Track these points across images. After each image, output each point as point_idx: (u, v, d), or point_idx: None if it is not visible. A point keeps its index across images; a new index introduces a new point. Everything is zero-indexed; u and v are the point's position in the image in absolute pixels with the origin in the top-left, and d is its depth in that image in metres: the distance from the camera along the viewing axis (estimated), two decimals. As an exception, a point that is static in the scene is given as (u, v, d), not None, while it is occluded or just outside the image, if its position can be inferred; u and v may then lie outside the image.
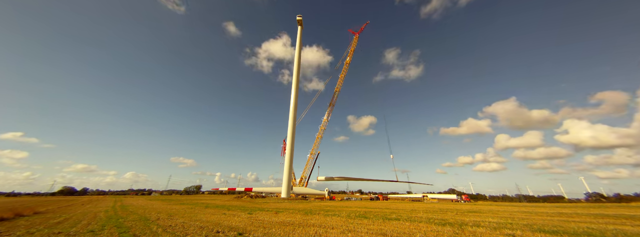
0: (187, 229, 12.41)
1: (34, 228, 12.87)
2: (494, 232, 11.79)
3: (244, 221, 15.33)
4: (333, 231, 11.66)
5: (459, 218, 18.50)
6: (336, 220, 16.30)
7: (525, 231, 12.51)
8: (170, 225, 13.75)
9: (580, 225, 15.21)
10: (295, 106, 77.08)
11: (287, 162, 69.42)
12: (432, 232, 11.54)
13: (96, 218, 17.68)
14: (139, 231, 11.82)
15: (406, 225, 13.99)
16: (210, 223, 14.45)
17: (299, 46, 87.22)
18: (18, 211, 19.91)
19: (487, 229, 12.87)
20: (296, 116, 76.39)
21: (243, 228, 12.49)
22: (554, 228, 13.56)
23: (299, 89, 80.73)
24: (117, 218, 17.41)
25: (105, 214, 20.35)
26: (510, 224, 15.36)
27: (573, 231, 12.76)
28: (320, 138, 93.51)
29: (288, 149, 71.61)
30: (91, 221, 15.89)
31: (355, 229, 12.41)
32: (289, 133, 73.58)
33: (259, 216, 18.35)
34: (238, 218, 17.07)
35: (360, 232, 11.51)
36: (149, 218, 17.24)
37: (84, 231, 12.14)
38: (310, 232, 11.41)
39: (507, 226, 14.09)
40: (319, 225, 13.74)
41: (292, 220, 16.05)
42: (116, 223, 14.74)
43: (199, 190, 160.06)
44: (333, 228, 12.59)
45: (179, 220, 16.14)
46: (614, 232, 12.60)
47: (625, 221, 17.85)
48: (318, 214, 20.15)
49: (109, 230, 12.23)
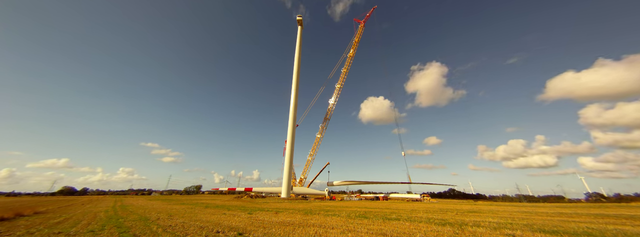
0: (187, 229, 12.42)
1: (34, 228, 12.88)
2: (494, 232, 11.79)
3: (244, 221, 15.33)
4: (333, 231, 11.66)
5: (459, 218, 18.49)
6: (336, 220, 16.30)
7: (525, 231, 12.51)
8: (170, 225, 13.76)
9: (580, 225, 15.20)
10: (295, 106, 77.09)
11: (287, 163, 69.47)
12: (432, 232, 11.54)
13: (96, 218, 17.68)
14: (139, 231, 11.82)
15: (406, 225, 13.99)
16: (210, 223, 14.45)
17: (299, 46, 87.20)
18: (18, 211, 19.91)
19: (487, 229, 12.87)
20: (296, 116, 76.48)
21: (243, 228, 12.49)
22: (554, 228, 13.55)
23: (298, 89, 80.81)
24: (117, 218, 17.41)
25: (106, 214, 20.36)
26: (510, 224, 15.36)
27: (573, 231, 12.76)
28: (319, 144, 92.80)
29: (288, 149, 71.66)
30: (91, 221, 15.89)
31: (355, 229, 12.42)
32: (289, 133, 73.62)
33: (259, 216, 18.35)
34: (238, 218, 17.08)
35: (360, 232, 11.51)
36: (149, 218, 17.25)
37: (84, 231, 12.14)
38: (310, 232, 11.41)
39: (507, 226, 14.09)
40: (319, 225, 13.75)
41: (292, 220, 16.05)
42: (116, 223, 14.74)
43: (199, 190, 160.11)
44: (333, 228, 12.59)
45: (179, 220, 16.14)
46: (614, 232, 12.59)
47: (625, 221, 17.84)
48: (318, 214, 20.15)
49: (109, 230, 12.24)
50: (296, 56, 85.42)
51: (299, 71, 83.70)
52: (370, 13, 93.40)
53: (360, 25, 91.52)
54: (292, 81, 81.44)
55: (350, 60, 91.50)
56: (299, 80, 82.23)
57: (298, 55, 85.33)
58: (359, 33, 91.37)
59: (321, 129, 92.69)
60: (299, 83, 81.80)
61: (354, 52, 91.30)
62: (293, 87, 79.99)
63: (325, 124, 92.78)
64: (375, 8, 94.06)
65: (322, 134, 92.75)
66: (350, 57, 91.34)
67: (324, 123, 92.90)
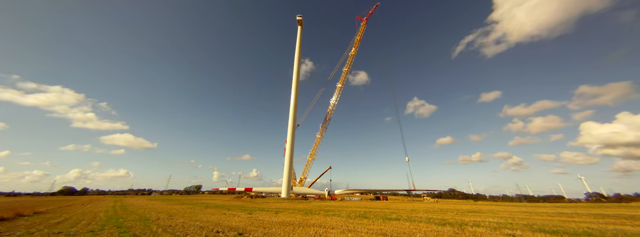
0: (187, 229, 12.41)
1: (34, 228, 12.87)
2: (494, 232, 11.78)
3: (244, 221, 15.33)
4: (333, 231, 11.65)
5: (459, 218, 18.49)
6: (336, 220, 16.30)
7: (525, 231, 12.51)
8: (170, 225, 13.76)
9: (580, 225, 15.19)
10: (295, 106, 77.12)
11: (287, 163, 69.46)
12: (432, 232, 11.53)
13: (96, 218, 17.68)
14: (139, 231, 11.82)
15: (406, 225, 13.99)
16: (210, 223, 14.45)
17: (299, 46, 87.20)
18: (18, 211, 19.90)
19: (487, 229, 12.86)
20: (296, 116, 76.49)
21: (243, 228, 12.49)
22: (554, 228, 13.55)
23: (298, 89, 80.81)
24: (117, 218, 17.41)
25: (105, 214, 20.35)
26: (510, 224, 15.36)
27: (573, 231, 12.75)
28: (319, 145, 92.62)
29: (288, 149, 71.67)
30: (91, 221, 15.89)
31: (355, 229, 12.41)
32: (289, 134, 73.62)
33: (259, 216, 18.35)
34: (238, 218, 17.08)
35: (360, 232, 11.50)
36: (149, 218, 17.25)
37: (84, 231, 12.14)
38: (310, 232, 11.41)
39: (507, 226, 14.08)
40: (319, 225, 13.74)
41: (292, 220, 16.05)
42: (116, 223, 14.74)
43: (199, 190, 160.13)
44: (333, 228, 12.59)
45: (179, 220, 16.14)
46: (614, 232, 12.59)
47: (625, 221, 17.84)
48: (318, 214, 20.14)
49: (109, 230, 12.23)
50: (296, 56, 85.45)
51: (299, 71, 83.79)
52: (372, 10, 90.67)
53: (363, 23, 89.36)
54: (292, 81, 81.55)
55: (351, 59, 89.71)
56: (299, 80, 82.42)
57: (298, 56, 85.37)
58: (361, 31, 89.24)
59: (322, 129, 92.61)
60: (299, 82, 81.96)
61: (356, 50, 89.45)
62: (293, 87, 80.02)
63: (325, 124, 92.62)
64: (378, 5, 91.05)
65: (322, 134, 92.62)
66: (352, 56, 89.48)
67: (325, 123, 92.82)
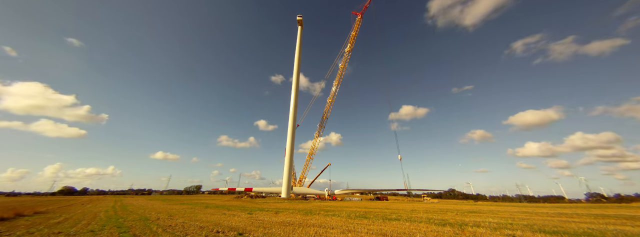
0: (187, 229, 12.41)
1: (34, 228, 12.86)
2: (494, 233, 11.77)
3: (244, 221, 15.32)
4: (333, 231, 11.65)
5: (459, 218, 18.48)
6: (336, 220, 16.29)
7: (525, 231, 12.50)
8: (170, 225, 13.75)
9: (580, 225, 15.19)
10: (295, 106, 77.14)
11: (287, 163, 69.50)
12: (432, 233, 11.52)
13: (96, 218, 17.67)
14: (139, 231, 11.82)
15: (406, 225, 13.98)
16: (210, 223, 14.44)
17: (299, 46, 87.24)
18: (18, 211, 19.88)
19: (487, 229, 12.85)
20: (296, 116, 76.50)
21: (243, 228, 12.48)
22: (555, 228, 13.54)
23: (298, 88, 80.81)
24: (117, 218, 17.41)
25: (105, 214, 20.35)
26: (510, 224, 15.35)
27: (573, 231, 12.74)
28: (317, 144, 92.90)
29: (288, 149, 71.71)
30: (91, 221, 15.89)
31: (355, 229, 12.41)
32: (288, 133, 73.67)
33: (259, 216, 18.35)
34: (238, 218, 17.07)
35: (360, 232, 11.50)
36: (149, 218, 17.24)
37: (84, 230, 12.14)
38: (310, 232, 11.41)
39: (507, 226, 14.07)
40: (319, 225, 13.74)
41: (292, 220, 16.04)
42: (116, 223, 14.74)
43: (198, 190, 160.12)
44: (333, 228, 12.58)
45: (179, 220, 16.14)
46: (615, 232, 12.58)
47: (625, 222, 17.83)
48: (318, 214, 20.14)
49: (109, 230, 12.23)
50: (296, 56, 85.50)
51: (299, 71, 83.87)
52: (367, 4, 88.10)
53: (358, 18, 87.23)
54: (292, 81, 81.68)
55: (347, 55, 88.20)
56: (299, 80, 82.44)
57: (298, 55, 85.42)
58: (356, 26, 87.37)
59: (319, 128, 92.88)
60: (298, 83, 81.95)
61: (352, 46, 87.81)
62: (293, 87, 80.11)
63: (323, 124, 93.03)
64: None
65: (320, 133, 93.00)
66: (348, 52, 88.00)
67: (322, 122, 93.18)
